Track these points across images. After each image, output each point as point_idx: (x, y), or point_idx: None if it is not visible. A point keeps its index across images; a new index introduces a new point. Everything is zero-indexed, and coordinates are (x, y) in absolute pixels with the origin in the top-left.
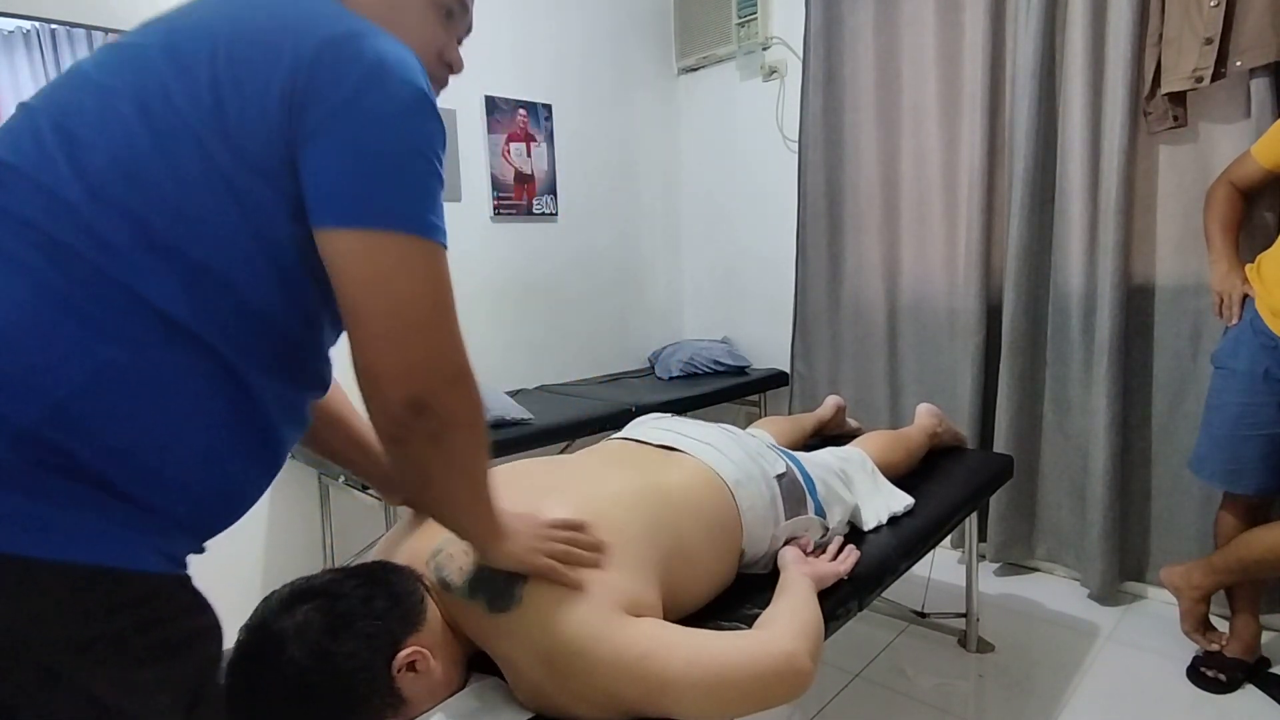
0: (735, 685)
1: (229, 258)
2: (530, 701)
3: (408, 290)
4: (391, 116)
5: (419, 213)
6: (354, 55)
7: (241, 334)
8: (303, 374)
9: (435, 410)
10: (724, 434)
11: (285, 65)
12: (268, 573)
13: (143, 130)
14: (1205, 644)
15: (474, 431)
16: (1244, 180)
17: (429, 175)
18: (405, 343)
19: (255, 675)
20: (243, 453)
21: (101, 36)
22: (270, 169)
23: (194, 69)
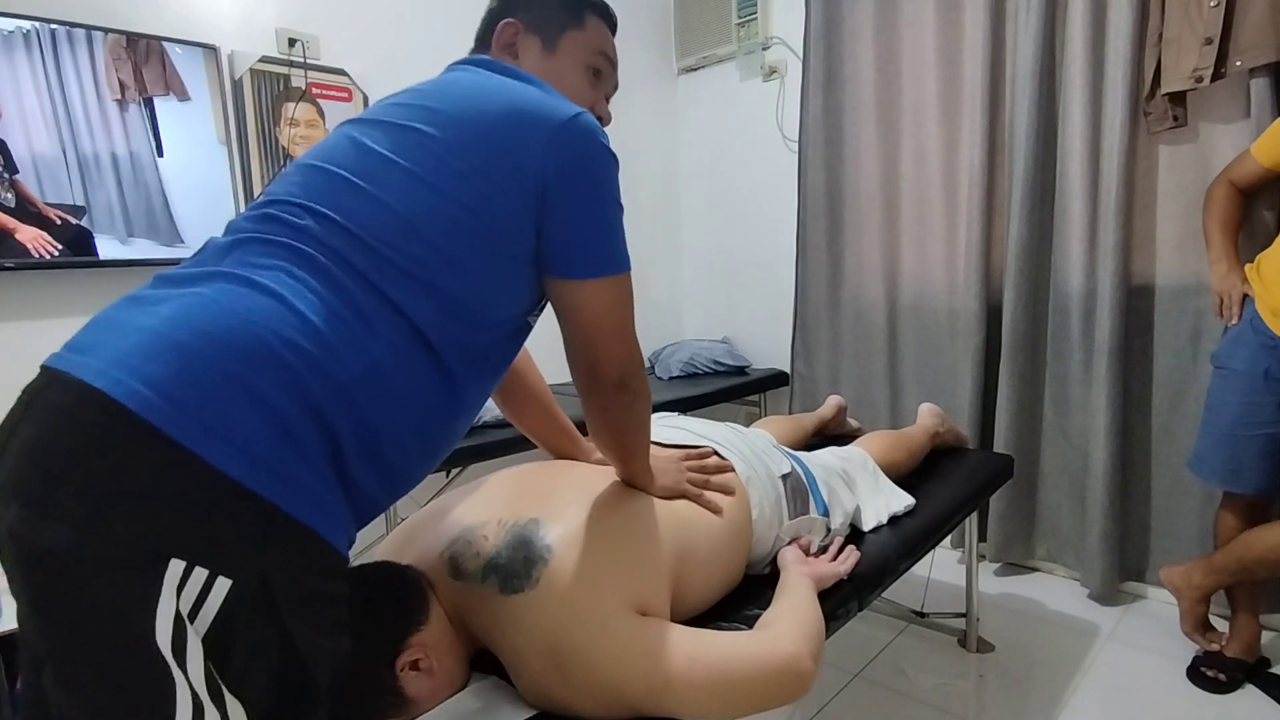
0: (737, 685)
1: (476, 294)
2: (532, 696)
3: (618, 315)
4: (604, 181)
5: (623, 254)
6: (579, 136)
7: (465, 348)
8: (492, 386)
9: (631, 387)
10: (731, 432)
11: (532, 154)
12: None
13: (422, 193)
14: (1205, 644)
15: (647, 402)
16: (1244, 180)
17: (621, 221)
18: (618, 347)
19: None
20: (439, 449)
21: (101, 37)
22: (518, 232)
23: (457, 148)
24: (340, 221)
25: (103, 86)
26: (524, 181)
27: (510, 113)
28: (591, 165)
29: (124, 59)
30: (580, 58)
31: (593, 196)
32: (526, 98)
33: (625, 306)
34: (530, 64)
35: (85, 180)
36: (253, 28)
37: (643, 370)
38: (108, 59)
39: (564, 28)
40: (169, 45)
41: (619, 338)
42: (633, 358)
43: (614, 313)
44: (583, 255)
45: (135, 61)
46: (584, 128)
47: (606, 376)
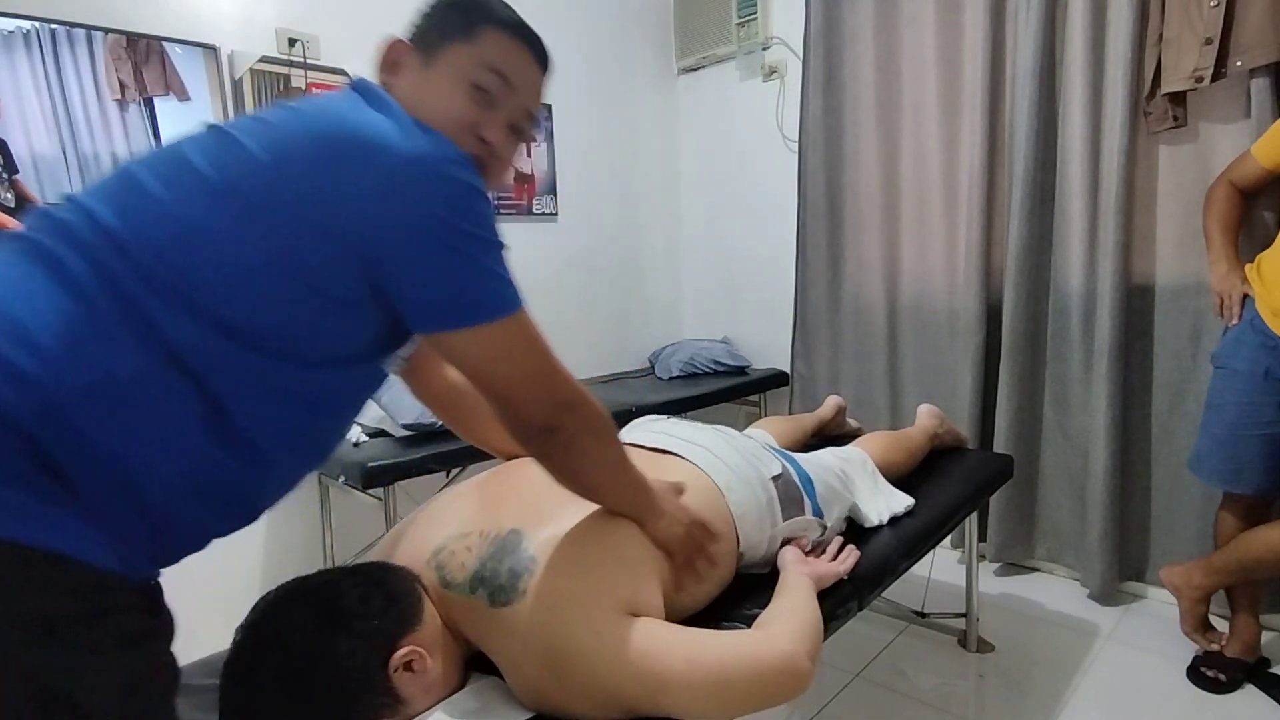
0: (734, 685)
1: (277, 326)
2: (529, 700)
3: (515, 359)
4: (455, 222)
5: (500, 295)
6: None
7: (254, 379)
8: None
9: (562, 429)
10: (717, 436)
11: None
12: (268, 573)
13: (221, 210)
14: (1205, 644)
15: (598, 435)
16: (1244, 180)
17: (495, 254)
18: (527, 394)
19: (251, 675)
20: (213, 501)
21: (101, 37)
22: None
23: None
24: (107, 222)
25: (103, 86)
26: (341, 224)
27: (340, 145)
28: (434, 207)
29: (124, 59)
30: (461, 72)
31: (441, 240)
32: (365, 131)
33: (521, 350)
34: (407, 81)
35: (85, 180)
36: (253, 28)
37: (579, 405)
38: (108, 59)
39: (448, 39)
40: (169, 45)
41: (527, 382)
42: (553, 401)
43: (507, 359)
44: (442, 307)
45: (135, 61)
46: (425, 170)
47: (527, 425)
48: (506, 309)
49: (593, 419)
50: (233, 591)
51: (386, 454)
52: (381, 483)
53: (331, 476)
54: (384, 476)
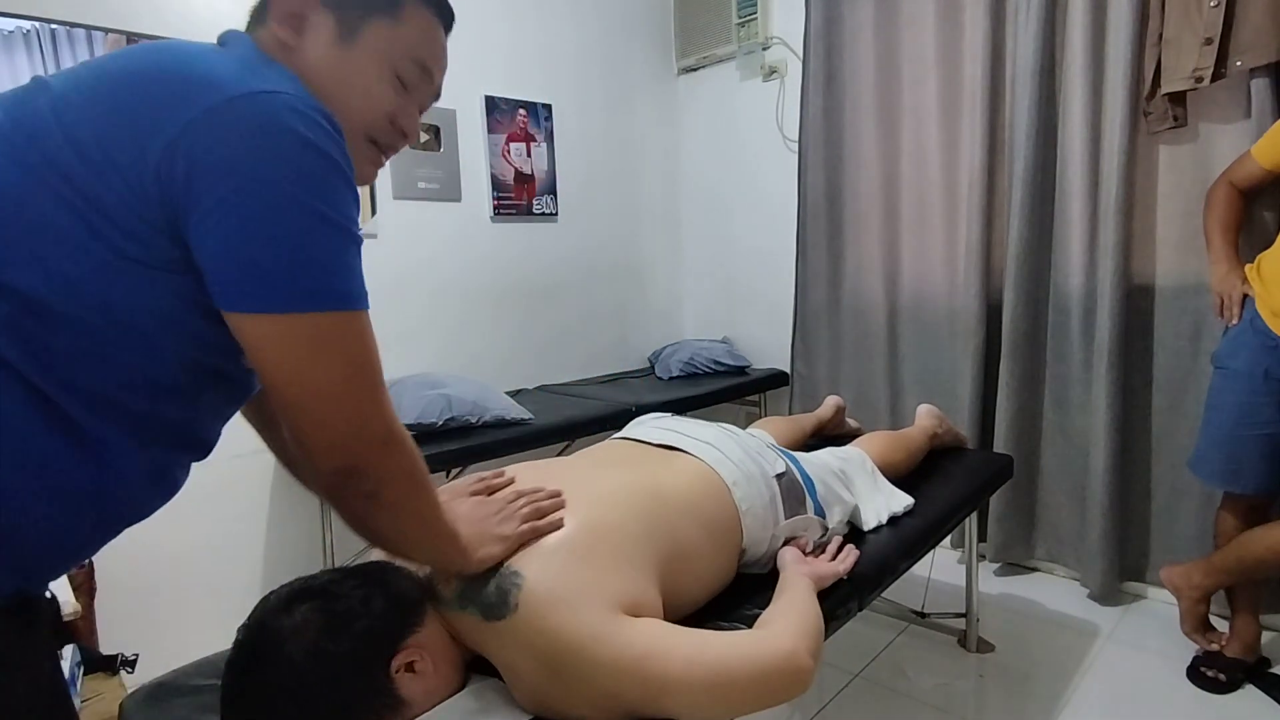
0: (736, 684)
1: (71, 298)
2: (530, 703)
3: (325, 370)
4: (282, 177)
5: (327, 285)
6: (248, 115)
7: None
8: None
9: (367, 474)
10: (723, 433)
11: (165, 128)
12: (268, 573)
13: (6, 165)
14: (1205, 644)
15: (410, 482)
16: (1244, 180)
17: (335, 237)
18: (328, 419)
19: (252, 675)
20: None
21: (101, 37)
22: (142, 229)
23: (78, 111)
24: None
25: None
26: (145, 161)
27: (161, 75)
28: (261, 154)
29: None
30: (386, 59)
31: (259, 195)
32: (195, 63)
33: (338, 357)
34: (314, 52)
35: None
36: None
37: (394, 445)
38: None
39: (371, 12)
40: None
41: (335, 399)
42: (364, 427)
43: (315, 367)
44: (242, 278)
45: None
46: (259, 107)
47: (324, 455)
48: (335, 301)
49: (407, 463)
50: (233, 591)
51: None
52: None
53: None
54: None
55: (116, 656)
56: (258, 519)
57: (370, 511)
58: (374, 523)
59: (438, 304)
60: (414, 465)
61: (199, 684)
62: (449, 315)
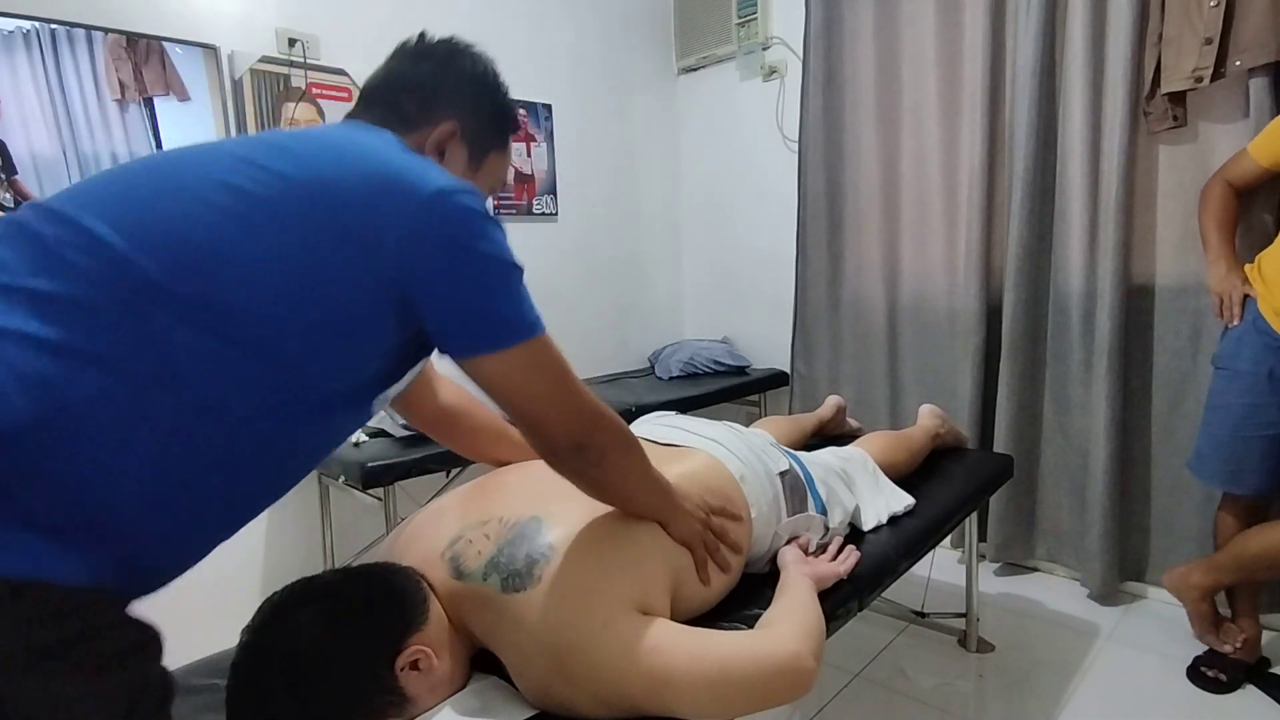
0: (738, 684)
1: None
2: (533, 695)
3: (544, 381)
4: (480, 246)
5: (527, 320)
6: (448, 207)
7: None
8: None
9: (592, 446)
10: (728, 431)
11: (392, 227)
12: (268, 573)
13: (255, 232)
14: (1219, 644)
15: (625, 449)
16: (1240, 179)
17: (518, 281)
18: (557, 415)
19: (257, 676)
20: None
21: (101, 37)
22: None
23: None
24: (109, 239)
25: (103, 86)
26: (378, 256)
27: (371, 176)
28: (461, 232)
29: (124, 59)
30: (494, 178)
31: (468, 264)
32: (391, 163)
33: (548, 371)
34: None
35: None
36: (253, 28)
37: (602, 423)
38: (108, 59)
39: (492, 147)
40: (169, 45)
41: (554, 403)
42: (581, 419)
43: (534, 381)
44: (472, 331)
45: (135, 61)
46: (454, 198)
47: (557, 445)
48: (528, 331)
49: (618, 431)
50: (233, 591)
51: (386, 454)
52: (381, 483)
53: (331, 476)
54: (384, 476)
55: None
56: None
57: (601, 474)
58: (605, 480)
59: None
60: (623, 432)
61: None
62: None
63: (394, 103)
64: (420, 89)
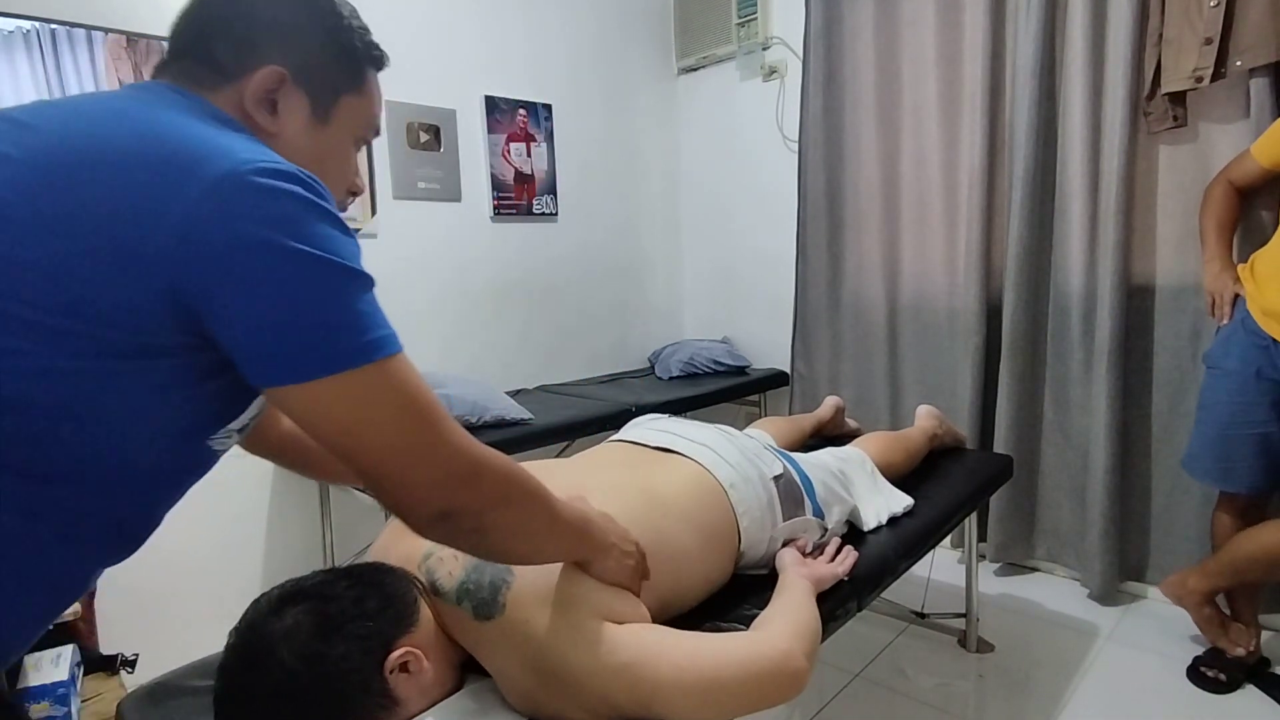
0: (727, 687)
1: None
2: (524, 707)
3: (381, 427)
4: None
5: (360, 338)
6: (251, 191)
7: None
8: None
9: (464, 512)
10: (720, 435)
11: (167, 219)
12: (267, 573)
13: None
14: (1231, 646)
15: (509, 504)
16: (1242, 179)
17: (353, 291)
18: (407, 473)
19: (245, 678)
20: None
21: (101, 37)
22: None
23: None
24: None
25: (102, 86)
26: (147, 254)
27: (151, 157)
28: (262, 222)
29: (124, 59)
30: (353, 129)
31: (272, 263)
32: (172, 134)
33: (390, 411)
34: (291, 130)
35: None
36: None
37: (480, 475)
38: (108, 59)
39: (341, 90)
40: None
41: (405, 455)
42: (444, 472)
43: (371, 424)
44: (279, 351)
45: (135, 61)
46: (254, 179)
47: (417, 510)
48: (364, 354)
49: (499, 483)
50: (232, 591)
51: None
52: None
53: None
54: None
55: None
56: (258, 519)
57: (485, 541)
58: (491, 547)
59: (437, 304)
60: (509, 486)
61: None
62: (449, 315)
63: (205, 51)
64: (233, 28)
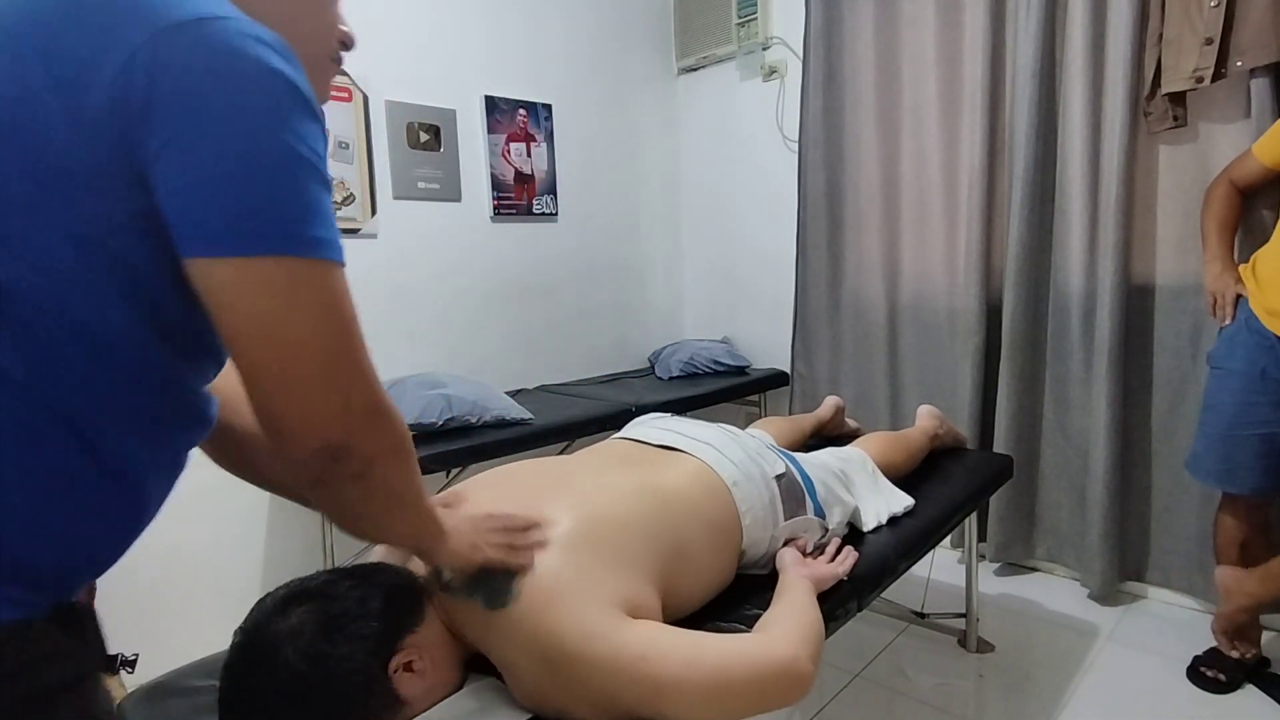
0: (733, 689)
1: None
2: (529, 701)
3: (300, 327)
4: (255, 112)
5: (299, 229)
6: (199, 44)
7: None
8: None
9: (354, 452)
10: (723, 434)
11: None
12: (268, 573)
13: None
14: (1229, 647)
15: (399, 457)
16: (1245, 179)
17: (307, 179)
18: (306, 389)
19: (250, 678)
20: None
21: None
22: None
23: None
24: None
25: None
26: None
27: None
28: (227, 82)
29: None
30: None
31: (230, 127)
32: None
33: (321, 312)
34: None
35: None
36: None
37: (379, 420)
38: None
39: None
40: None
41: (314, 365)
42: (350, 398)
43: (296, 320)
44: (210, 215)
45: None
46: (218, 31)
47: (298, 439)
48: (304, 246)
49: (398, 435)
50: (233, 591)
51: None
52: None
53: None
54: None
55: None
56: (258, 519)
57: (355, 495)
58: (359, 505)
59: (437, 304)
60: (403, 439)
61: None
62: (449, 315)
63: None
64: None
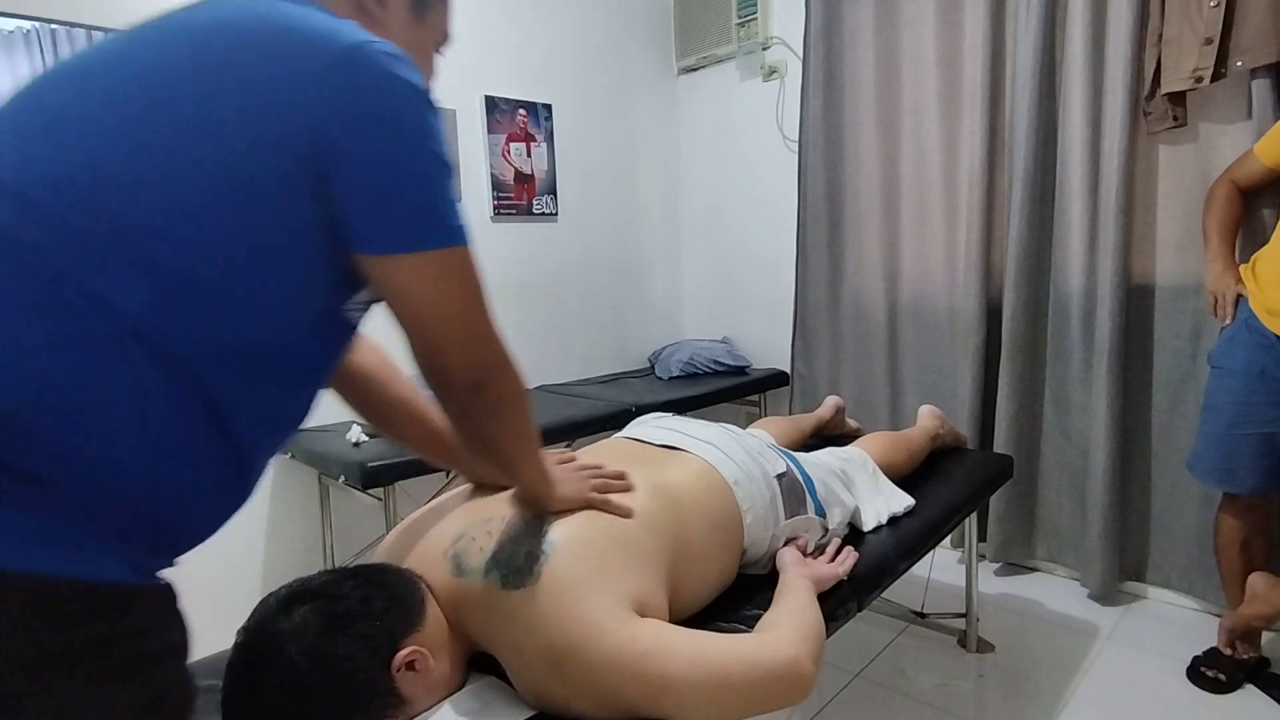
0: (736, 688)
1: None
2: (531, 696)
3: (456, 300)
4: (412, 126)
5: (448, 224)
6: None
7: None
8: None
9: (492, 389)
10: (725, 433)
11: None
12: (268, 573)
13: (132, 135)
14: (1226, 645)
15: (522, 400)
16: (1246, 179)
17: (447, 179)
18: (464, 343)
19: (252, 677)
20: (210, 476)
21: (102, 36)
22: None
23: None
24: (5, 176)
25: None
26: (287, 123)
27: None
28: (390, 104)
29: None
30: (439, 31)
31: (397, 144)
32: (295, 17)
33: (463, 289)
34: (395, 22)
35: None
36: None
37: (506, 368)
38: None
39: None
40: None
41: (462, 328)
42: (486, 356)
43: (448, 297)
44: (389, 222)
45: None
46: (378, 57)
47: (453, 378)
48: (456, 237)
49: (519, 385)
50: (233, 591)
51: (386, 454)
52: (381, 483)
53: (331, 476)
54: (384, 476)
55: None
56: (258, 519)
57: (491, 423)
58: (492, 432)
59: None
60: (524, 386)
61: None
62: None
63: None
64: None
